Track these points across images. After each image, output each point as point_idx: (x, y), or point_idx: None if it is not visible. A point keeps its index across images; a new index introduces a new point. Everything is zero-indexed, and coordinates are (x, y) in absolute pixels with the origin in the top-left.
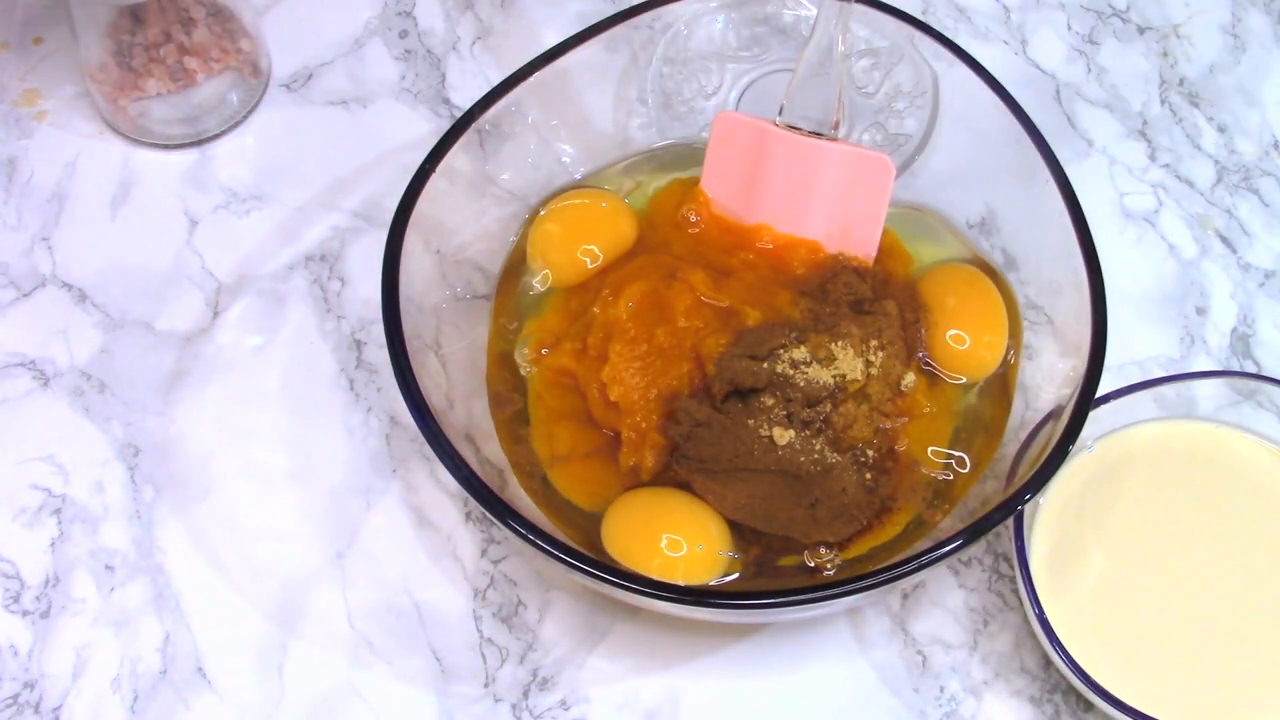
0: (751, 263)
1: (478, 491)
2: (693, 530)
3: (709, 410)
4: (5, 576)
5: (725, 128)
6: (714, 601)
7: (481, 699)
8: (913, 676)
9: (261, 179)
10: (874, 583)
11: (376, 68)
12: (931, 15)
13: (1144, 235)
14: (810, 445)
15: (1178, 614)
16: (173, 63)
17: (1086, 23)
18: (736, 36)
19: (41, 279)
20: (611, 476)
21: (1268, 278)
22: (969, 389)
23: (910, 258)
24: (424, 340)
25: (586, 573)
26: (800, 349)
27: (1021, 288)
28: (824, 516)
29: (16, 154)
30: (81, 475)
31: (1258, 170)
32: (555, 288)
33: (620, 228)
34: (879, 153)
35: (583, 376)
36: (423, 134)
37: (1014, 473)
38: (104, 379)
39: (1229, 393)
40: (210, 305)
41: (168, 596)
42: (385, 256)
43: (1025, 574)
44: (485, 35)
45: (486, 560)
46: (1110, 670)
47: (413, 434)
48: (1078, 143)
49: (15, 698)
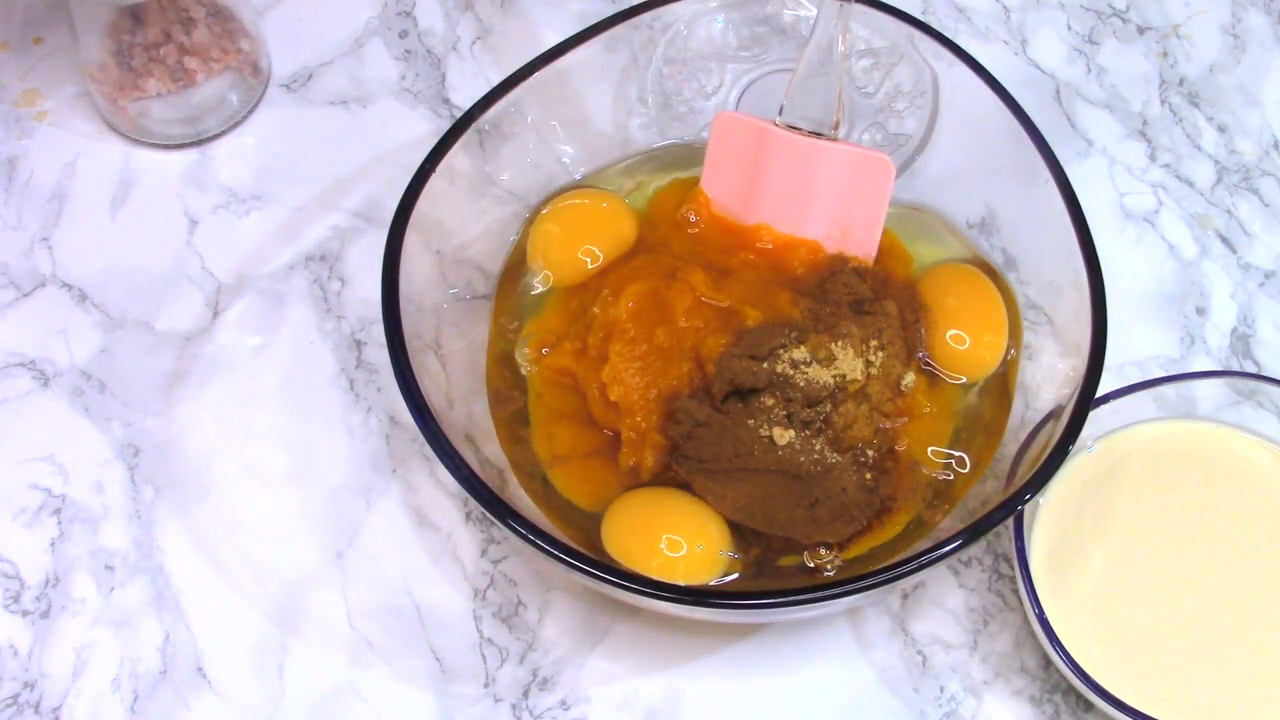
0: (751, 263)
1: (478, 491)
2: (693, 530)
3: (709, 410)
4: (5, 576)
5: (725, 128)
6: (714, 601)
7: (481, 699)
8: (913, 676)
9: (261, 179)
10: (874, 583)
11: (376, 68)
12: (931, 15)
13: (1144, 235)
14: (810, 445)
15: (1178, 614)
16: (173, 63)
17: (1086, 23)
18: (736, 36)
19: (41, 279)
20: (611, 476)
21: (1268, 278)
22: (969, 389)
23: (910, 258)
24: (424, 340)
25: (586, 573)
26: (800, 349)
27: (1021, 288)
28: (824, 516)
29: (16, 154)
30: (81, 475)
31: (1258, 170)
32: (555, 288)
33: (620, 228)
34: (879, 153)
35: (583, 376)
36: (423, 134)
37: (1014, 473)
38: (104, 379)
39: (1229, 393)
40: (210, 305)
41: (168, 596)
42: (385, 256)
43: (1025, 574)
44: (485, 35)
45: (486, 560)
46: (1110, 670)
47: (413, 434)
48: (1078, 143)
49: (15, 698)
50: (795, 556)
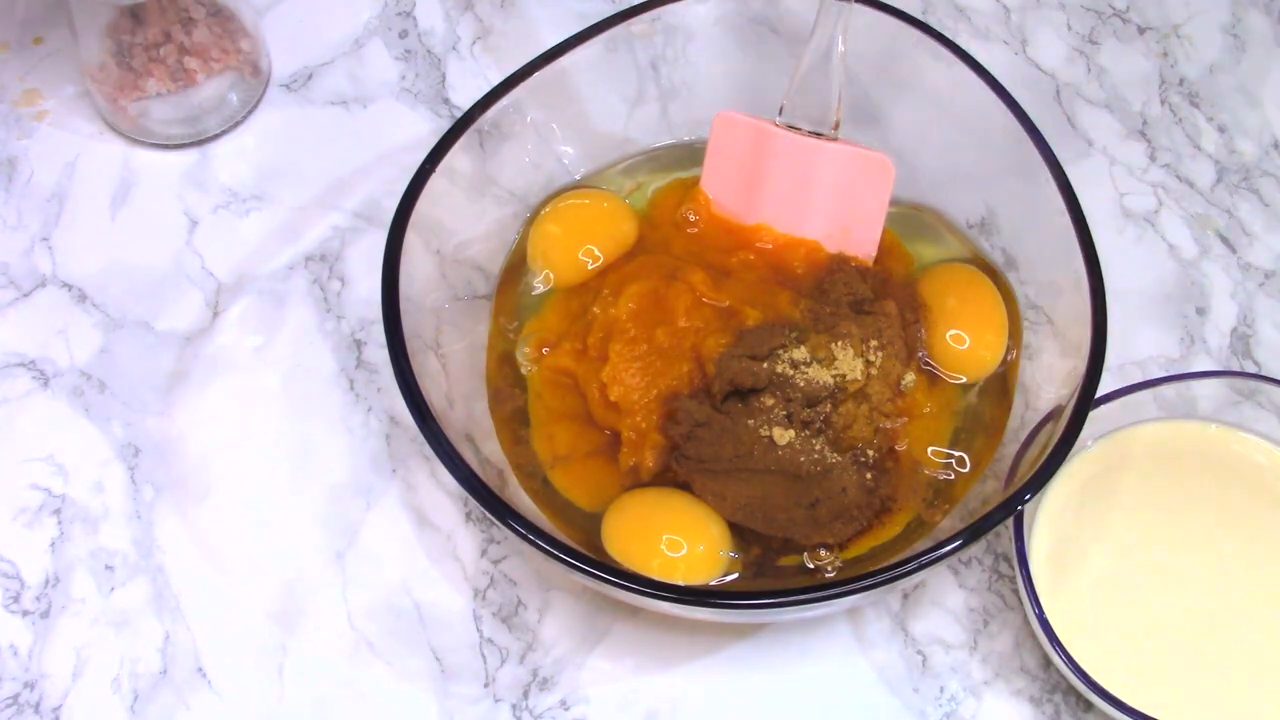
0: (751, 263)
1: (478, 491)
2: (693, 530)
3: (709, 410)
4: (5, 576)
5: (725, 128)
6: (714, 601)
7: (481, 699)
8: (913, 676)
9: (261, 179)
10: (874, 583)
11: (376, 68)
12: (931, 15)
13: (1144, 235)
14: (810, 445)
15: (1178, 614)
16: (173, 63)
17: (1086, 23)
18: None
19: (41, 279)
20: (611, 476)
21: (1268, 278)
22: (969, 389)
23: (910, 258)
24: (424, 340)
25: (586, 573)
26: (800, 349)
27: (1021, 288)
28: (824, 517)
29: (16, 154)
30: (81, 475)
31: (1258, 170)
32: (555, 288)
33: (620, 228)
34: (879, 153)
35: (583, 376)
36: (423, 134)
37: (1014, 473)
38: (104, 379)
39: (1229, 393)
40: (210, 305)
41: (168, 596)
42: (385, 256)
43: (1025, 574)
44: (485, 35)
45: (486, 560)
46: (1110, 670)
47: (413, 434)
48: (1078, 143)
49: (15, 698)
50: (795, 557)
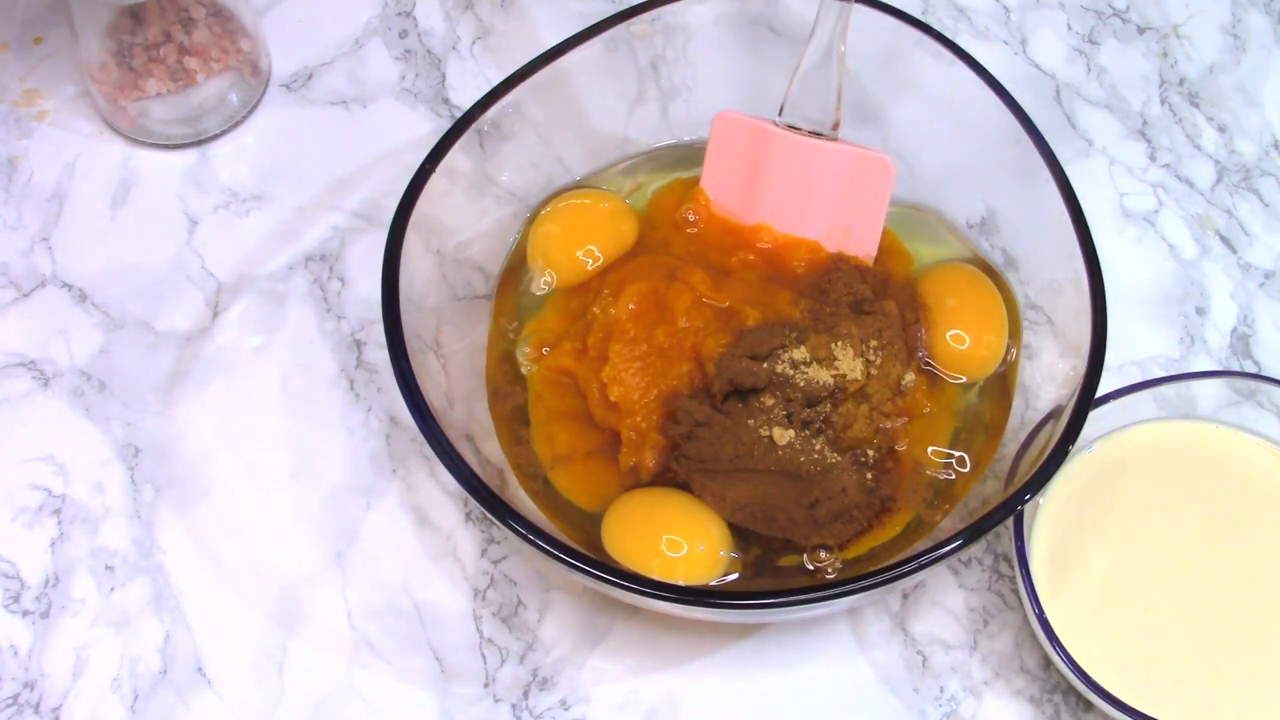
0: (751, 263)
1: (478, 491)
2: (693, 530)
3: (709, 410)
4: (5, 576)
5: (725, 128)
6: (714, 601)
7: (481, 699)
8: (913, 676)
9: (261, 179)
10: (874, 583)
11: (376, 68)
12: (931, 15)
13: (1144, 235)
14: (810, 445)
15: (1178, 614)
16: (173, 63)
17: (1086, 23)
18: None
19: (41, 279)
20: (611, 476)
21: (1268, 278)
22: (969, 389)
23: (910, 258)
24: (424, 340)
25: (586, 573)
26: (800, 349)
27: (1021, 288)
28: (824, 517)
29: (16, 154)
30: (81, 475)
31: (1258, 170)
32: (555, 288)
33: (620, 228)
34: (879, 153)
35: (583, 376)
36: (423, 134)
37: (1014, 473)
38: (104, 379)
39: (1229, 393)
40: (210, 305)
41: (168, 596)
42: (385, 256)
43: (1025, 574)
44: (485, 35)
45: (486, 560)
46: (1110, 670)
47: (413, 434)
48: (1078, 143)
49: (15, 698)
50: (795, 557)
